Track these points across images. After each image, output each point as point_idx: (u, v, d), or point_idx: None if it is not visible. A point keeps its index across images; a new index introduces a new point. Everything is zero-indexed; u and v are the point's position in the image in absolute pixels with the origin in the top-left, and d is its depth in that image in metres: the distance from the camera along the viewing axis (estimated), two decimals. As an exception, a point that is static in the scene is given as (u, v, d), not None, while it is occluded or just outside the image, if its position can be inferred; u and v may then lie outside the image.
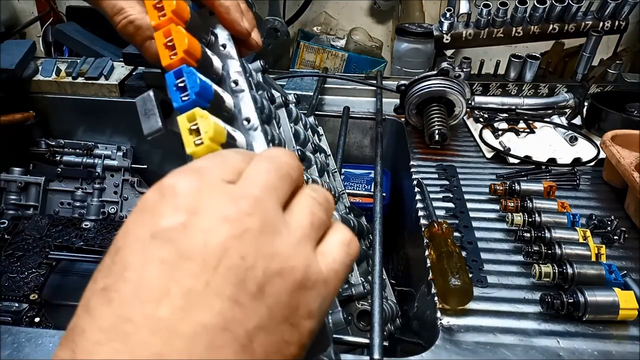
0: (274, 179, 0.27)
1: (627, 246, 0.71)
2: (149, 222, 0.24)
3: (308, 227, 0.27)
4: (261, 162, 0.28)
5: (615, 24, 1.12)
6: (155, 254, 0.23)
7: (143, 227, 0.24)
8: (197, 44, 0.37)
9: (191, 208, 0.24)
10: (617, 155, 0.77)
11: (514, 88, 1.16)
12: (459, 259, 0.63)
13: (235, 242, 0.23)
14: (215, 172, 0.26)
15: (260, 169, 0.28)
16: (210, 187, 0.25)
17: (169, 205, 0.24)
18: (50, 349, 0.55)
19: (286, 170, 0.28)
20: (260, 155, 0.29)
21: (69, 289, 1.14)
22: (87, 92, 1.17)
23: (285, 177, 0.28)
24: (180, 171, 0.26)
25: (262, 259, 0.24)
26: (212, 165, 0.27)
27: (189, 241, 0.23)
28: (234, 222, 0.24)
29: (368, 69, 1.61)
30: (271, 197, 0.26)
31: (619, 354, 0.55)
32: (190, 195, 0.25)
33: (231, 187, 0.26)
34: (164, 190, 0.25)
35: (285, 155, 0.29)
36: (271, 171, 0.27)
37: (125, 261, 0.23)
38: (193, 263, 0.23)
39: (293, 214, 0.27)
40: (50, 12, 1.62)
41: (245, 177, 0.27)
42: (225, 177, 0.26)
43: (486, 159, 0.93)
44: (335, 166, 0.83)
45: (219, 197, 0.25)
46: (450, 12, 1.14)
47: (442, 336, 0.57)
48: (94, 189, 1.19)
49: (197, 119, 0.32)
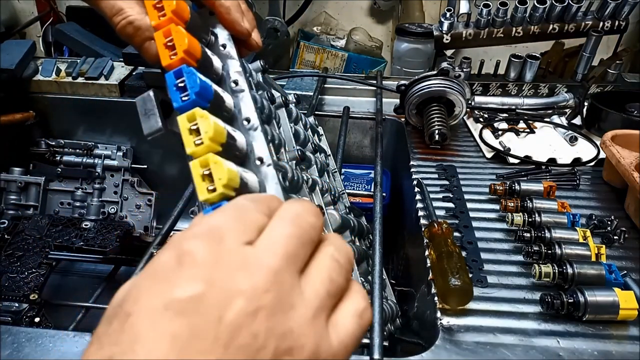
0: (296, 246, 0.26)
1: (627, 246, 0.71)
2: (162, 290, 0.23)
3: (325, 297, 0.26)
4: (283, 223, 0.27)
5: (615, 24, 1.12)
6: (168, 327, 0.22)
7: (156, 295, 0.23)
8: (197, 44, 0.37)
9: (207, 278, 0.23)
10: (617, 155, 0.77)
11: (514, 88, 1.16)
12: (459, 259, 0.63)
13: (248, 320, 0.23)
14: (234, 235, 0.26)
15: (282, 232, 0.27)
16: (228, 255, 0.25)
17: (186, 275, 0.23)
18: (50, 348, 0.55)
19: (309, 235, 0.27)
20: (283, 213, 0.28)
21: (69, 289, 1.14)
22: (87, 92, 1.17)
23: (307, 243, 0.27)
24: (199, 235, 0.25)
25: (273, 338, 0.23)
26: (232, 226, 0.26)
27: (202, 316, 0.22)
28: (248, 298, 0.23)
29: (368, 69, 1.61)
30: (289, 268, 0.25)
31: (619, 354, 0.55)
32: (208, 265, 0.24)
33: (249, 253, 0.25)
34: (182, 257, 0.24)
35: (309, 215, 0.28)
36: (293, 237, 0.27)
37: (136, 332, 0.22)
38: (204, 340, 0.22)
39: (310, 281, 0.26)
40: (50, 12, 1.62)
41: (265, 241, 0.26)
42: (244, 238, 0.26)
43: (486, 159, 0.93)
44: (335, 166, 0.83)
45: (236, 267, 0.24)
46: (450, 12, 1.14)
47: (442, 336, 0.57)
48: (94, 189, 1.19)
49: (197, 119, 0.32)
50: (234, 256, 0.25)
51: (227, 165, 0.31)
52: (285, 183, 0.39)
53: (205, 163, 0.31)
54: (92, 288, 1.05)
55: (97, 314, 0.93)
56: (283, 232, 0.27)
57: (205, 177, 0.31)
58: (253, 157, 0.36)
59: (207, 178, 0.31)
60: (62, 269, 1.15)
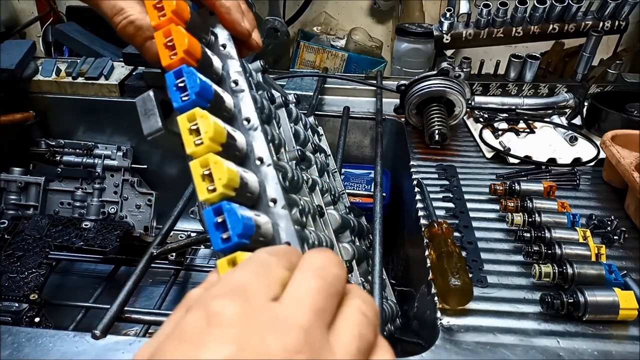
0: (323, 300, 0.25)
1: (627, 246, 0.71)
2: (190, 353, 0.22)
3: (355, 353, 0.25)
4: (308, 276, 0.26)
5: (615, 24, 1.12)
6: None
7: (184, 358, 0.22)
8: (197, 44, 0.37)
9: (238, 340, 0.22)
10: (617, 155, 0.77)
11: (514, 88, 1.16)
12: (459, 259, 0.63)
13: None
14: (260, 292, 0.25)
15: (308, 286, 0.26)
16: (257, 313, 0.23)
17: (215, 337, 0.22)
18: (50, 349, 0.55)
19: (335, 287, 0.26)
20: (307, 265, 0.27)
21: (69, 289, 1.14)
22: (87, 92, 1.17)
23: (333, 296, 0.26)
24: (225, 294, 0.24)
25: None
26: (256, 282, 0.25)
27: None
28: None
29: (368, 69, 1.61)
30: (319, 324, 0.24)
31: (619, 354, 0.55)
32: (237, 325, 0.23)
33: (277, 310, 0.24)
34: (211, 318, 0.23)
35: (333, 266, 0.27)
36: (320, 291, 0.25)
37: None
38: None
39: (340, 337, 0.25)
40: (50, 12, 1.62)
41: (292, 296, 0.25)
42: (270, 294, 0.25)
43: (486, 159, 0.93)
44: (335, 166, 0.83)
45: (266, 327, 0.23)
46: (450, 12, 1.14)
47: (442, 336, 0.57)
48: (94, 189, 1.19)
49: (197, 119, 0.32)
50: (263, 315, 0.23)
51: (227, 165, 0.31)
52: (285, 183, 0.39)
53: (205, 163, 0.31)
54: (92, 288, 1.05)
55: (97, 314, 0.93)
56: (309, 286, 0.25)
57: (205, 177, 0.31)
58: (253, 157, 0.36)
59: (207, 178, 0.31)
60: (62, 269, 1.15)
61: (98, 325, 0.56)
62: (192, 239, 0.73)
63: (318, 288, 0.25)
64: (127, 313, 0.59)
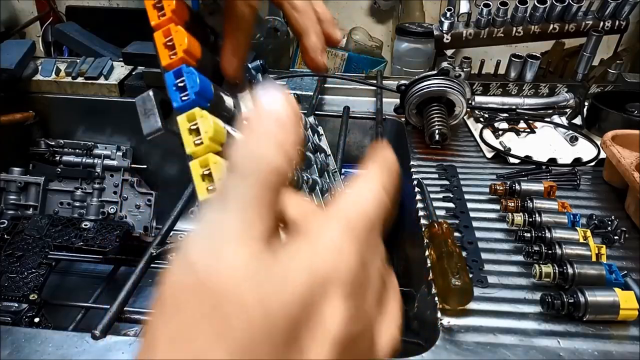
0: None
1: (627, 246, 0.71)
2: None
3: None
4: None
5: (616, 24, 1.12)
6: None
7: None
8: (197, 44, 0.37)
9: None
10: (617, 155, 0.77)
11: (514, 88, 1.16)
12: (459, 259, 0.62)
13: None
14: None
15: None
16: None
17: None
18: (50, 349, 0.55)
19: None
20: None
21: (69, 289, 1.14)
22: (87, 92, 1.17)
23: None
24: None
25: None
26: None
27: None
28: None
29: (368, 68, 1.61)
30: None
31: (619, 354, 0.55)
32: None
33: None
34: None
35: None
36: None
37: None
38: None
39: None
40: (50, 11, 1.62)
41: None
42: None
43: (486, 159, 0.93)
44: (335, 166, 0.83)
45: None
46: (451, 12, 1.14)
47: (443, 336, 0.57)
48: (94, 189, 1.19)
49: (197, 119, 0.32)
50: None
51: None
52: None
53: (205, 163, 0.31)
54: (91, 288, 1.05)
55: (97, 314, 0.93)
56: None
57: (205, 177, 0.31)
58: (253, 157, 0.36)
59: (207, 178, 0.31)
60: (62, 269, 1.15)
61: (98, 325, 0.56)
62: (192, 239, 0.73)
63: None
64: (126, 313, 0.59)
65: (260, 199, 0.21)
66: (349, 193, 0.23)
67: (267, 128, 0.22)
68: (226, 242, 0.20)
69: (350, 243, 0.21)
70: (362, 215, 0.22)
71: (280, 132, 0.22)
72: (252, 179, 0.21)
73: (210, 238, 0.20)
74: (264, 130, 0.22)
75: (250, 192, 0.21)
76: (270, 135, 0.22)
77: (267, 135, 0.22)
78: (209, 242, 0.20)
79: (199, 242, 0.20)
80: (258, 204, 0.21)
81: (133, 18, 1.53)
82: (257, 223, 0.20)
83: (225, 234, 0.20)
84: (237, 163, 0.21)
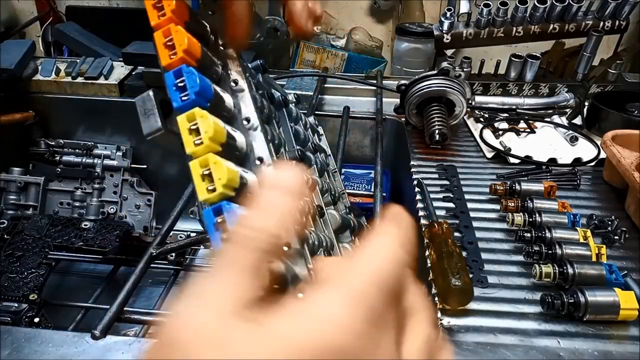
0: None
1: (627, 246, 0.71)
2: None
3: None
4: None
5: (616, 24, 1.12)
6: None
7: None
8: (197, 44, 0.37)
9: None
10: (617, 155, 0.77)
11: (514, 88, 1.16)
12: (460, 259, 0.62)
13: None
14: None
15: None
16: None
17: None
18: (50, 349, 0.55)
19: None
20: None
21: (69, 289, 1.14)
22: (87, 92, 1.17)
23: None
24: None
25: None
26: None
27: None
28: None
29: (368, 68, 1.61)
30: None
31: (619, 354, 0.55)
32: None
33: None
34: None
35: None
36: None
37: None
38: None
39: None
40: (50, 11, 1.62)
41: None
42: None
43: (487, 159, 0.93)
44: (335, 166, 0.83)
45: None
46: (451, 12, 1.14)
47: (443, 336, 0.57)
48: (94, 189, 1.19)
49: (197, 119, 0.32)
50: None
51: (227, 165, 0.31)
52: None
53: (205, 163, 0.31)
54: (91, 288, 1.05)
55: (97, 314, 0.93)
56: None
57: (205, 177, 0.31)
58: (253, 157, 0.36)
59: (206, 178, 0.31)
60: (62, 269, 1.15)
61: (97, 325, 0.56)
62: (192, 239, 0.73)
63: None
64: (126, 313, 0.59)
65: (253, 268, 0.21)
66: (363, 254, 0.23)
67: (272, 202, 0.23)
68: (202, 305, 0.20)
69: (354, 314, 0.20)
70: (375, 278, 0.21)
71: (285, 205, 0.23)
72: (247, 249, 0.22)
73: (188, 301, 0.21)
74: (268, 204, 0.23)
75: (242, 261, 0.21)
76: (274, 210, 0.22)
77: (271, 209, 0.23)
78: (185, 304, 0.20)
79: (180, 304, 0.21)
80: (249, 272, 0.21)
81: (133, 18, 1.53)
82: (240, 288, 0.21)
83: (204, 298, 0.20)
84: (238, 234, 0.22)
